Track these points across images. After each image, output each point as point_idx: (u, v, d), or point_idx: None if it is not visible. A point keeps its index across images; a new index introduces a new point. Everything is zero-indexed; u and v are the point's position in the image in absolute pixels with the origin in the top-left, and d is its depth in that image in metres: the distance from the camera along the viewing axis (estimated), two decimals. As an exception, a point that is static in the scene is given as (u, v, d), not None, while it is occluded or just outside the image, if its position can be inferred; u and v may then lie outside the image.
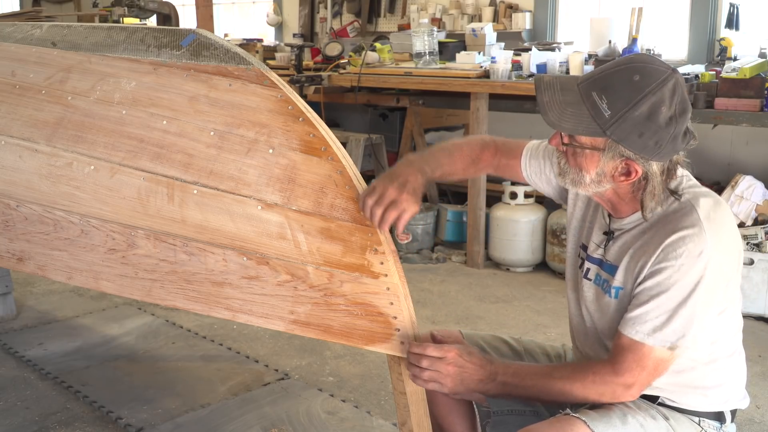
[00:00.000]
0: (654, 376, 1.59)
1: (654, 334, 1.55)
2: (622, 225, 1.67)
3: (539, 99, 1.58)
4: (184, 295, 1.84)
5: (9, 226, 2.11)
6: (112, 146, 1.94)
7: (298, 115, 1.76)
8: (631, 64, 1.53)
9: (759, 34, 4.69)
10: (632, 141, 1.51)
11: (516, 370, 1.67)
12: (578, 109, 1.53)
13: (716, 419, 1.68)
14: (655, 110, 1.49)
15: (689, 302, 1.54)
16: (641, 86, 1.49)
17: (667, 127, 1.50)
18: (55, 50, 2.23)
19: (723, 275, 1.58)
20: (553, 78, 1.61)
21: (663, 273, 1.55)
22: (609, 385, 1.59)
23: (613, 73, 1.53)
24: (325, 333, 1.71)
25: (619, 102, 1.49)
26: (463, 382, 1.65)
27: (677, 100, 1.51)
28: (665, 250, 1.55)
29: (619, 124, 1.50)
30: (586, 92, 1.53)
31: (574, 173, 1.61)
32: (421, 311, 3.94)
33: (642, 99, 1.48)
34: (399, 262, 1.69)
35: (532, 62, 4.55)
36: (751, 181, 4.00)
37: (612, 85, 1.51)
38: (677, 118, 1.51)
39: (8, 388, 3.08)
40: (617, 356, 1.59)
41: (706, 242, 1.53)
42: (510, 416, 1.91)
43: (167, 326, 3.73)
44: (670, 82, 1.50)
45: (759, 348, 3.44)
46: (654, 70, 1.51)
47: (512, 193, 4.79)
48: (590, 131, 1.53)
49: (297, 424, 2.79)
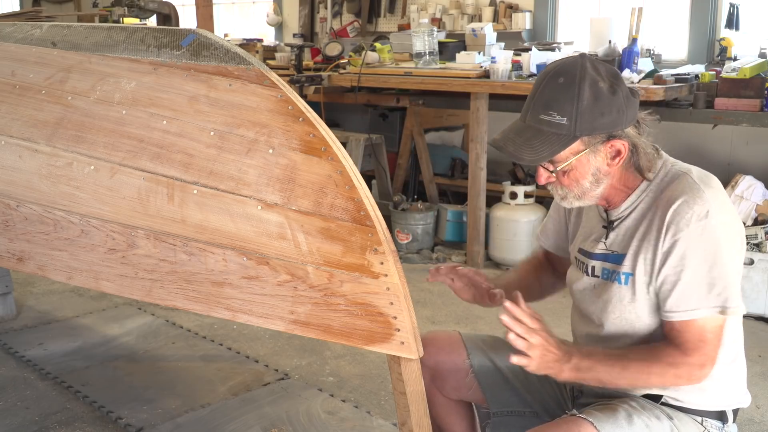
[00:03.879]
0: (718, 346, 1.59)
1: (700, 305, 1.55)
2: (620, 213, 1.70)
3: (507, 152, 1.63)
4: (184, 295, 1.84)
5: (9, 226, 2.11)
6: (112, 146, 1.94)
7: (298, 115, 1.75)
8: (547, 74, 1.61)
9: (759, 34, 4.69)
10: (600, 123, 1.57)
11: (589, 351, 1.64)
12: (541, 136, 1.59)
13: (718, 419, 1.68)
14: (595, 89, 1.56)
15: (719, 263, 1.55)
16: (569, 81, 1.56)
17: (615, 95, 1.57)
18: (55, 50, 2.23)
19: (735, 232, 1.60)
20: (503, 133, 1.68)
21: (680, 244, 1.56)
22: (684, 367, 1.57)
23: (541, 90, 1.61)
24: (325, 333, 1.71)
25: (565, 105, 1.56)
26: (545, 358, 1.59)
27: (603, 71, 1.59)
28: (674, 220, 1.57)
29: (580, 120, 1.56)
30: (535, 119, 1.60)
31: (574, 188, 1.65)
32: (421, 311, 3.94)
33: (579, 89, 1.55)
34: (399, 262, 1.68)
35: (532, 62, 4.55)
36: (751, 181, 4.00)
37: (549, 98, 1.58)
38: (615, 82, 1.58)
39: (8, 388, 3.08)
40: (679, 341, 1.58)
41: (708, 201, 1.56)
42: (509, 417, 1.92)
43: (167, 326, 3.73)
44: (586, 63, 1.58)
45: (759, 348, 3.44)
46: (567, 63, 1.60)
47: (512, 193, 4.79)
48: (563, 144, 1.58)
49: (297, 424, 2.79)
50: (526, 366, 1.60)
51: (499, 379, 1.90)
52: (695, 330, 1.57)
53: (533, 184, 4.98)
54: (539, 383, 1.90)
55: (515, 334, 1.59)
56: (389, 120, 6.05)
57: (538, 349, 1.59)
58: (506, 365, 1.91)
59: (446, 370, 1.91)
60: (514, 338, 1.59)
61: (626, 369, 1.59)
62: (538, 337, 1.59)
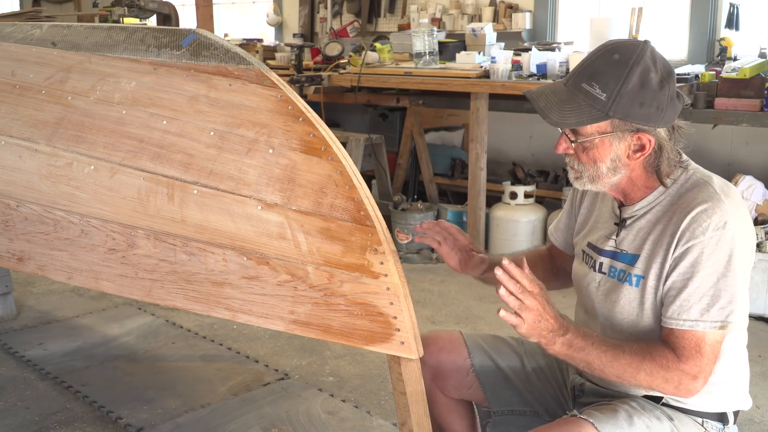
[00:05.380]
0: (713, 361, 1.56)
1: (702, 317, 1.53)
2: (635, 211, 1.67)
3: (537, 107, 1.60)
4: (184, 295, 1.84)
5: (9, 226, 2.11)
6: (112, 146, 1.94)
7: (298, 115, 1.75)
8: (606, 47, 1.58)
9: (759, 34, 4.69)
10: (636, 113, 1.53)
11: (586, 332, 1.60)
12: (575, 103, 1.56)
13: (719, 420, 1.68)
14: (645, 78, 1.52)
15: (728, 275, 1.53)
16: (623, 61, 1.53)
17: (661, 90, 1.54)
18: (55, 50, 2.23)
19: (749, 246, 1.58)
20: (541, 87, 1.65)
21: (693, 252, 1.54)
22: (675, 372, 1.53)
23: (593, 60, 1.58)
24: (325, 333, 1.71)
25: (610, 82, 1.53)
26: (539, 325, 1.54)
27: (660, 64, 1.55)
28: (690, 228, 1.54)
29: (618, 101, 1.53)
30: (576, 86, 1.57)
31: (590, 168, 1.62)
32: (421, 311, 3.94)
33: (630, 72, 1.52)
34: (399, 262, 1.68)
35: (532, 62, 4.55)
36: (751, 181, 4.00)
37: (597, 70, 1.55)
38: (666, 79, 1.55)
39: (8, 388, 3.08)
40: (675, 347, 1.55)
41: (728, 213, 1.54)
42: (510, 416, 1.92)
43: (167, 326, 3.73)
44: (646, 50, 1.55)
45: (759, 348, 3.44)
46: (629, 44, 1.57)
47: (512, 193, 4.79)
48: (593, 118, 1.55)
49: (297, 424, 2.79)
50: (516, 327, 1.54)
51: (500, 378, 1.90)
52: (693, 340, 1.54)
53: (533, 184, 4.98)
54: (540, 383, 1.90)
55: (507, 291, 1.53)
56: (389, 120, 6.05)
57: (532, 312, 1.53)
58: (507, 365, 1.91)
59: (447, 370, 1.91)
60: (505, 294, 1.53)
61: (617, 359, 1.55)
62: (534, 300, 1.53)
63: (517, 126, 5.65)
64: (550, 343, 1.57)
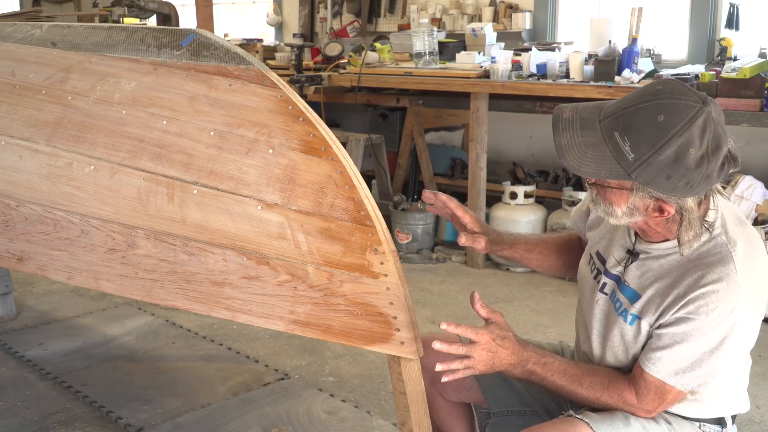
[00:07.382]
0: (673, 405, 1.61)
1: (676, 376, 1.54)
2: (650, 249, 1.60)
3: (557, 141, 1.48)
4: (184, 295, 1.84)
5: (9, 226, 2.11)
6: (112, 146, 1.94)
7: (298, 115, 1.75)
8: (657, 100, 1.41)
9: (759, 34, 4.69)
10: (660, 183, 1.42)
11: (547, 362, 1.63)
12: (600, 150, 1.44)
13: (717, 423, 1.68)
14: (682, 153, 1.38)
15: (716, 353, 1.51)
16: (666, 127, 1.38)
17: (698, 168, 1.40)
18: (55, 50, 2.23)
19: (752, 329, 1.56)
20: (572, 113, 1.50)
21: (691, 323, 1.50)
22: (630, 409, 1.60)
23: (636, 111, 1.42)
24: (325, 333, 1.71)
25: (643, 145, 1.40)
26: (494, 366, 1.62)
27: (708, 138, 1.40)
28: (696, 302, 1.49)
29: (644, 168, 1.41)
30: (608, 132, 1.43)
31: (606, 206, 1.54)
32: (421, 311, 3.94)
33: (667, 142, 1.38)
34: (399, 262, 1.69)
35: (532, 62, 4.55)
36: (751, 181, 4.00)
37: (635, 126, 1.41)
38: (709, 157, 1.40)
39: (8, 388, 3.08)
40: (640, 387, 1.58)
41: (739, 298, 1.48)
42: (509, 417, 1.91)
43: (167, 326, 3.73)
44: (699, 118, 1.39)
45: (759, 348, 3.40)
46: (681, 107, 1.40)
47: (512, 193, 4.80)
48: (614, 174, 1.44)
49: (297, 424, 2.79)
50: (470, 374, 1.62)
51: (499, 379, 1.90)
52: (660, 388, 1.56)
53: (533, 184, 4.99)
54: (539, 383, 1.90)
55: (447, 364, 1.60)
56: (389, 120, 6.05)
57: (480, 362, 1.60)
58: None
59: (447, 372, 1.91)
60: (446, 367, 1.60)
61: (575, 392, 1.63)
62: (481, 351, 1.59)
63: (517, 126, 5.65)
64: (510, 374, 1.66)
